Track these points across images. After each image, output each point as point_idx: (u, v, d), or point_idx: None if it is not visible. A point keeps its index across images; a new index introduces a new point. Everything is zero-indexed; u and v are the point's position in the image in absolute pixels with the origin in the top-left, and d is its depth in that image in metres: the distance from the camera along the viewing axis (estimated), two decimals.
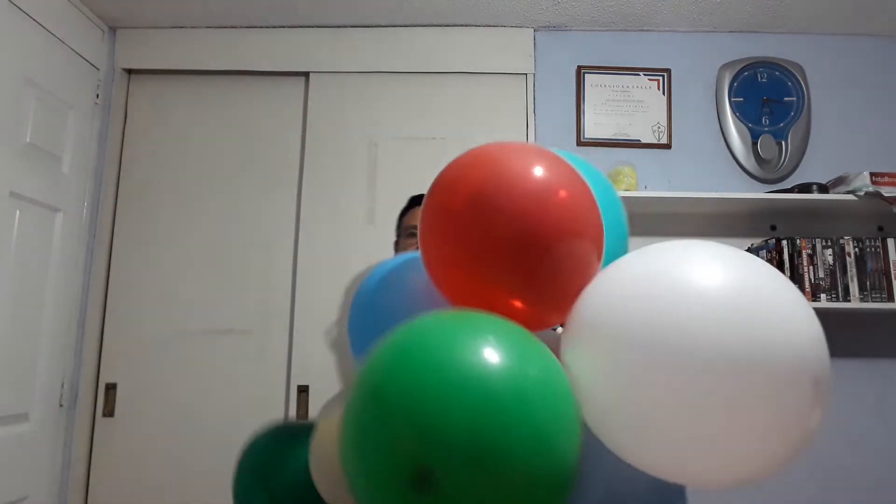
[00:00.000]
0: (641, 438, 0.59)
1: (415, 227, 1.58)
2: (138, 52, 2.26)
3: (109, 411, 2.06)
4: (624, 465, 0.64)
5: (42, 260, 1.90)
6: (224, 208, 2.20)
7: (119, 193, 2.22)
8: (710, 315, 0.56)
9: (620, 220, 0.85)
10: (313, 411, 2.02)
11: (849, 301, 1.90)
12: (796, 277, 1.93)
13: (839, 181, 2.04)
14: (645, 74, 2.25)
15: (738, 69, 2.24)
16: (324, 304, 2.02)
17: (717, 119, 2.24)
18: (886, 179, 1.95)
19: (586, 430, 0.65)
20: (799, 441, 0.55)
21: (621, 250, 0.78)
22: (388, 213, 2.16)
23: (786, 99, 2.23)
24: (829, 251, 1.95)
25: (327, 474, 0.85)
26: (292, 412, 2.04)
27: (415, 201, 1.71)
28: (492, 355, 0.58)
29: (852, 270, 1.93)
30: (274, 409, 2.05)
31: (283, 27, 2.27)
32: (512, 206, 0.67)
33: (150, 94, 2.29)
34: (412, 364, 0.59)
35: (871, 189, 1.93)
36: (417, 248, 1.70)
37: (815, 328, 0.59)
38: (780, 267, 1.94)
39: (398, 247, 1.69)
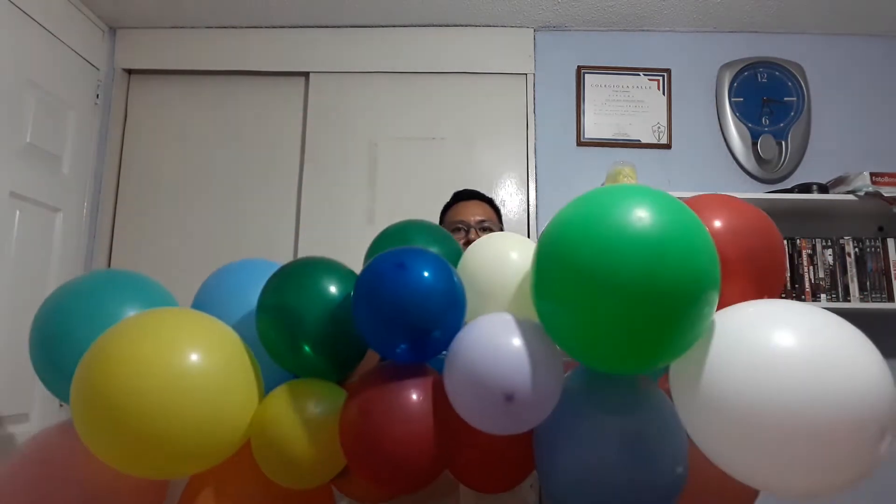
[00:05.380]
0: (741, 466, 0.74)
1: (460, 223, 1.61)
2: (138, 52, 2.26)
3: None
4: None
5: (42, 260, 1.90)
6: (224, 208, 2.20)
7: (119, 193, 2.22)
8: (794, 387, 0.68)
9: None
10: None
11: (849, 301, 1.90)
12: (796, 277, 1.93)
13: (839, 181, 2.04)
14: (645, 74, 2.25)
15: (738, 69, 2.24)
16: None
17: (717, 119, 2.24)
18: (886, 179, 1.95)
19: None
20: (864, 473, 0.70)
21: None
22: (388, 213, 2.16)
23: (786, 99, 2.23)
24: (829, 251, 1.95)
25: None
26: None
27: (460, 196, 1.72)
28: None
29: (852, 270, 1.93)
30: None
31: (283, 27, 2.27)
32: None
33: (150, 94, 2.29)
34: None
35: (871, 189, 1.93)
36: (464, 243, 1.70)
37: (884, 383, 0.70)
38: None
39: None
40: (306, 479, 0.87)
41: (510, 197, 2.19)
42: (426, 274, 0.82)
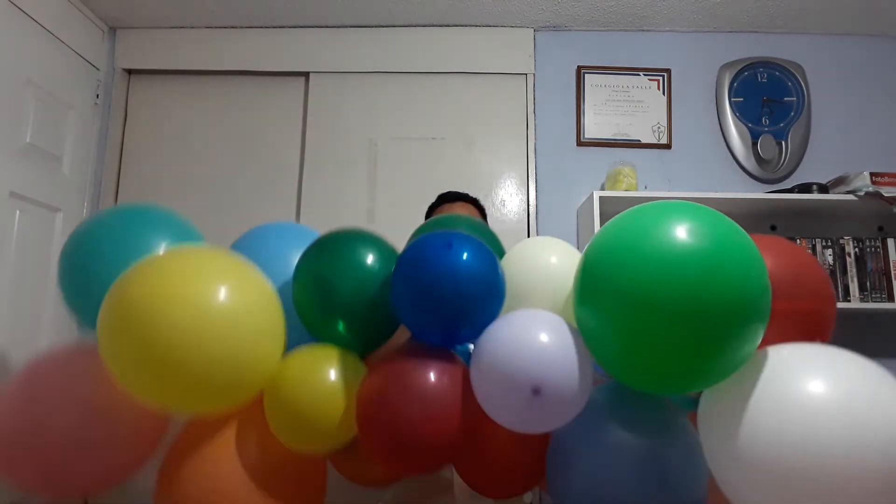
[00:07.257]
0: None
1: None
2: (138, 52, 2.26)
3: None
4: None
5: (42, 260, 1.90)
6: (224, 208, 2.20)
7: (119, 193, 2.22)
8: (829, 440, 0.65)
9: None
10: None
11: (849, 301, 1.90)
12: None
13: (839, 181, 2.03)
14: (645, 74, 2.25)
15: (738, 69, 2.24)
16: None
17: (717, 119, 2.24)
18: (886, 179, 1.95)
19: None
20: None
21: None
22: (388, 212, 2.16)
23: (786, 99, 2.23)
24: (829, 251, 1.94)
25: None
26: None
27: (445, 198, 1.72)
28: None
29: (852, 270, 1.93)
30: None
31: (283, 27, 2.27)
32: None
33: (150, 94, 2.29)
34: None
35: (871, 189, 1.93)
36: None
37: None
38: None
39: None
40: (312, 444, 0.87)
41: (510, 197, 2.19)
42: (473, 259, 0.79)
